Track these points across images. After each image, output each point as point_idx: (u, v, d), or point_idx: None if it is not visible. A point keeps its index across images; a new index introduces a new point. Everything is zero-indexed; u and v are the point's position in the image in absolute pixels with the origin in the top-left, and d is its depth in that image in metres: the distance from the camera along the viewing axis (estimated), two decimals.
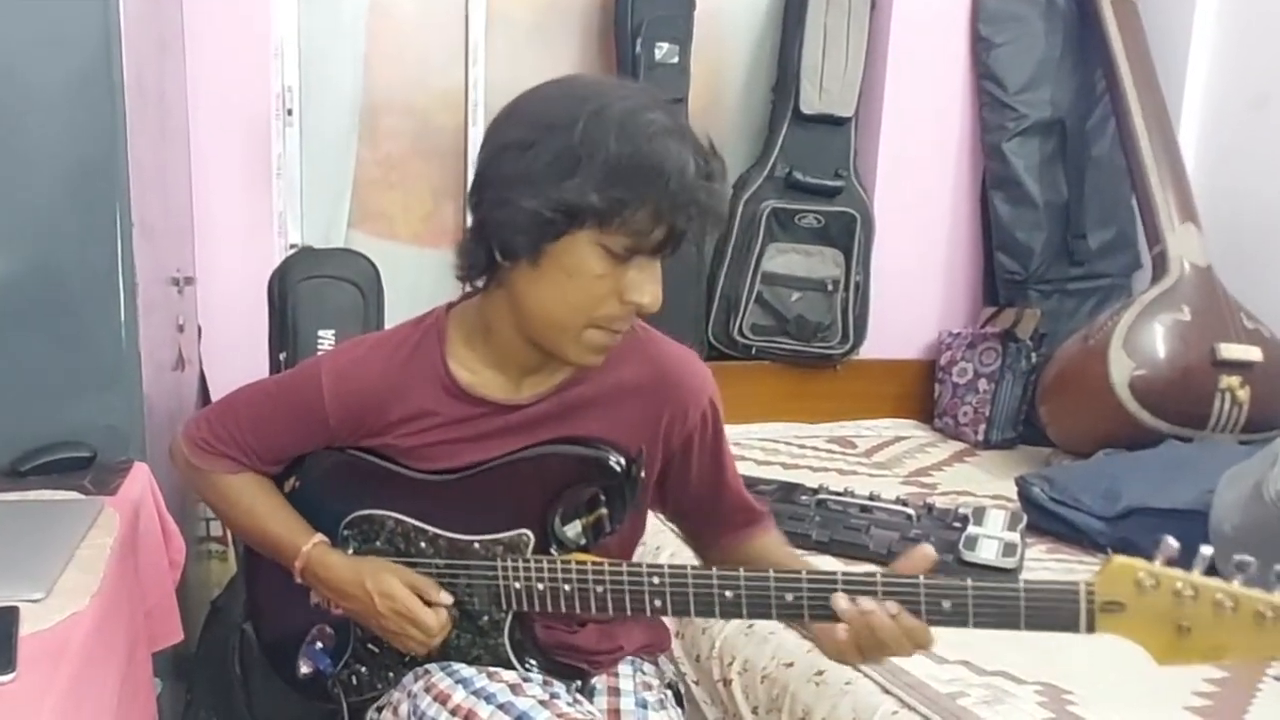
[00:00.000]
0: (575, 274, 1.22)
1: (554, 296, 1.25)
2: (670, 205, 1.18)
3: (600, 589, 1.29)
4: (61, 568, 1.32)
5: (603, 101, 1.19)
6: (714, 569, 1.26)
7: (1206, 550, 1.09)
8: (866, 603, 1.18)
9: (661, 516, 1.60)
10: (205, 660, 2.27)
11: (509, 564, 1.33)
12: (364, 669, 1.47)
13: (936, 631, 1.19)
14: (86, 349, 1.74)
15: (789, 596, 1.22)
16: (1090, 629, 1.11)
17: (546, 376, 1.37)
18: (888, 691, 1.67)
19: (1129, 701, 1.64)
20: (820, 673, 1.76)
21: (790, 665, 1.83)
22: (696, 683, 2.09)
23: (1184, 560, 1.10)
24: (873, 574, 1.20)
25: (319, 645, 1.49)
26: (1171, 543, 1.10)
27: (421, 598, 1.34)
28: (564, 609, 1.32)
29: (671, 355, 1.42)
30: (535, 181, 1.19)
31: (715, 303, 3.41)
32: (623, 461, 1.31)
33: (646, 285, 1.24)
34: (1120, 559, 1.11)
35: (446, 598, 1.35)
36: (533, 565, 1.33)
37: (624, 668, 1.49)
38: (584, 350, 1.28)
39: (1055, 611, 1.12)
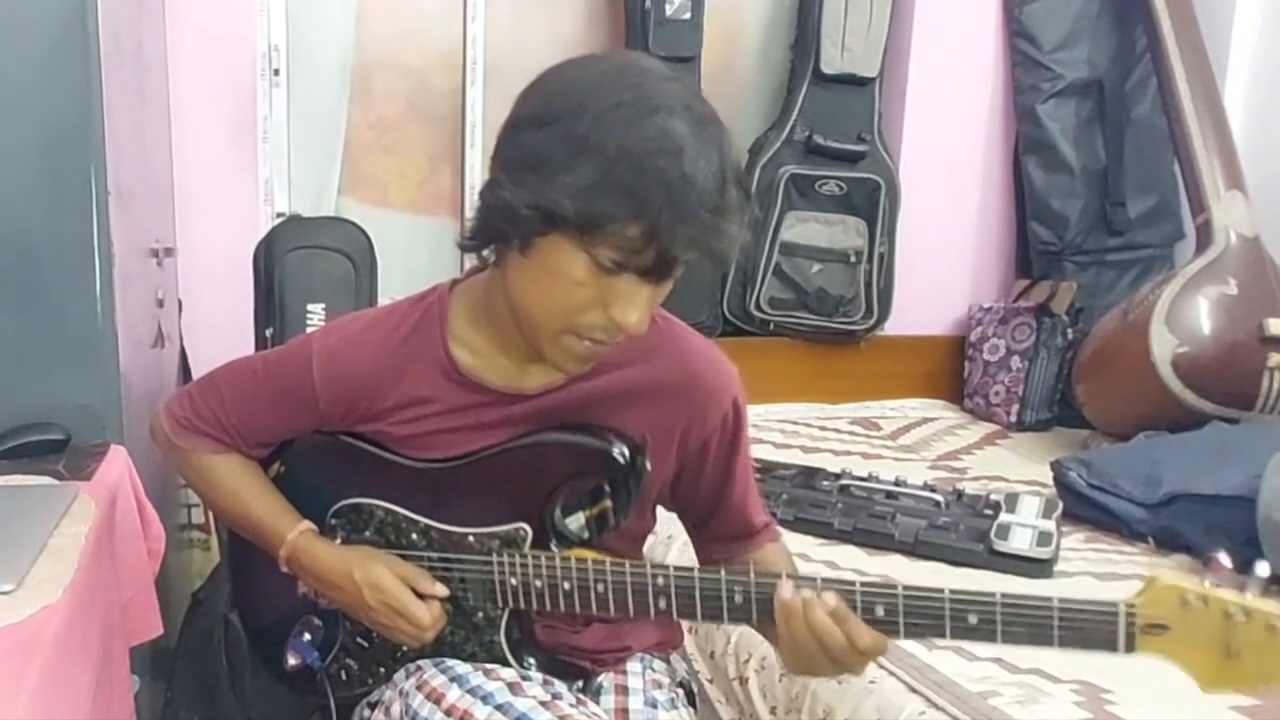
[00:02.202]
0: (558, 276, 1.17)
1: (536, 293, 1.21)
2: (667, 229, 1.12)
3: (601, 587, 1.28)
4: (33, 558, 1.31)
5: (626, 97, 1.13)
6: (722, 569, 1.24)
7: (1263, 571, 1.07)
8: (808, 593, 1.18)
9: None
10: (186, 656, 2.28)
11: (505, 559, 1.32)
12: (353, 663, 1.46)
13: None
14: (59, 325, 1.73)
15: None
16: (1130, 650, 1.10)
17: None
18: (914, 690, 1.66)
19: (1171, 702, 1.61)
20: None
21: None
22: (710, 681, 2.08)
23: (1239, 569, 1.08)
24: (893, 585, 1.18)
25: (306, 637, 1.49)
26: (1224, 560, 1.09)
27: (413, 589, 1.33)
28: (563, 607, 1.31)
29: (696, 353, 1.38)
30: (526, 170, 1.14)
31: (730, 274, 3.38)
32: (626, 452, 1.29)
33: (633, 304, 1.18)
34: (1165, 578, 1.09)
35: (440, 589, 1.34)
36: (530, 561, 1.31)
37: (633, 665, 1.48)
38: (561, 355, 1.25)
39: (1092, 631, 1.11)
